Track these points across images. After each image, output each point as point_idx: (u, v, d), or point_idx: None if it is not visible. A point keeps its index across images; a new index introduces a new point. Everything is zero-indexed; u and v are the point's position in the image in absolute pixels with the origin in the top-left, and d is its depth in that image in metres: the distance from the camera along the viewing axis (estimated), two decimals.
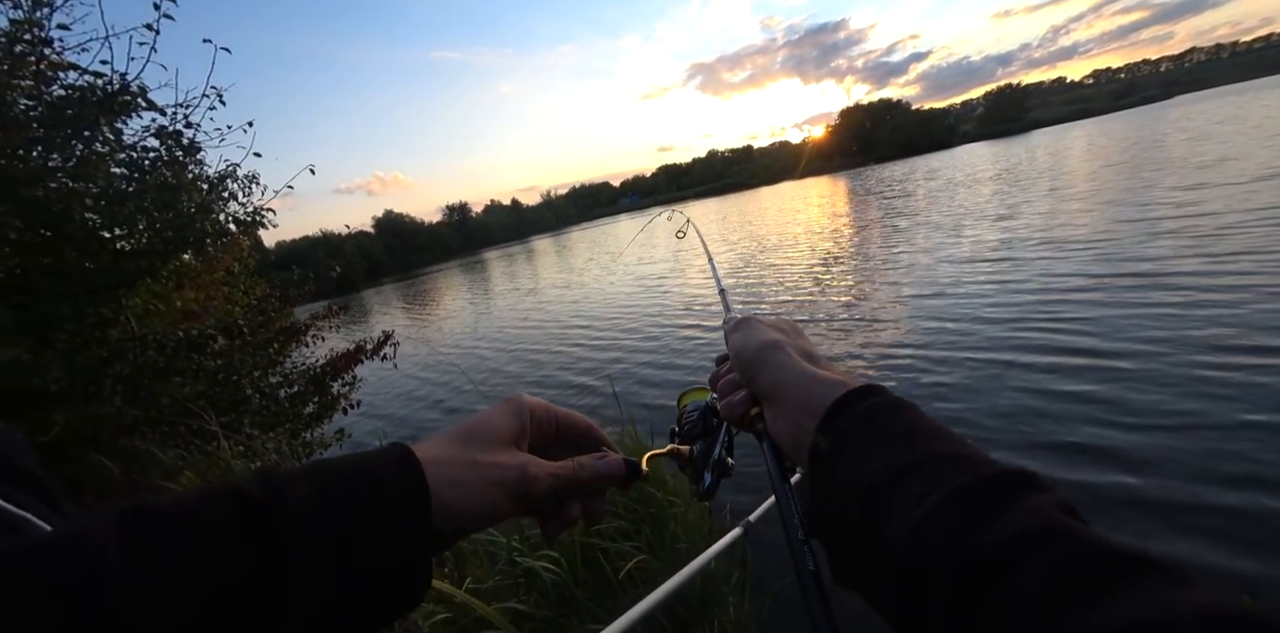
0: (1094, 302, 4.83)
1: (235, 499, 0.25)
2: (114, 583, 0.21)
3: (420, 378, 7.97)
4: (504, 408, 0.38)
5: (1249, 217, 6.28)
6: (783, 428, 0.39)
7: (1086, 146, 24.00)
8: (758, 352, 0.42)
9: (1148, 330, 4.05)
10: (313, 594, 0.25)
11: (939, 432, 0.32)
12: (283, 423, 3.46)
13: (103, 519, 0.23)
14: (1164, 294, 4.67)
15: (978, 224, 9.95)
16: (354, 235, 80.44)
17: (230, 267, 4.95)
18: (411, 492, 0.29)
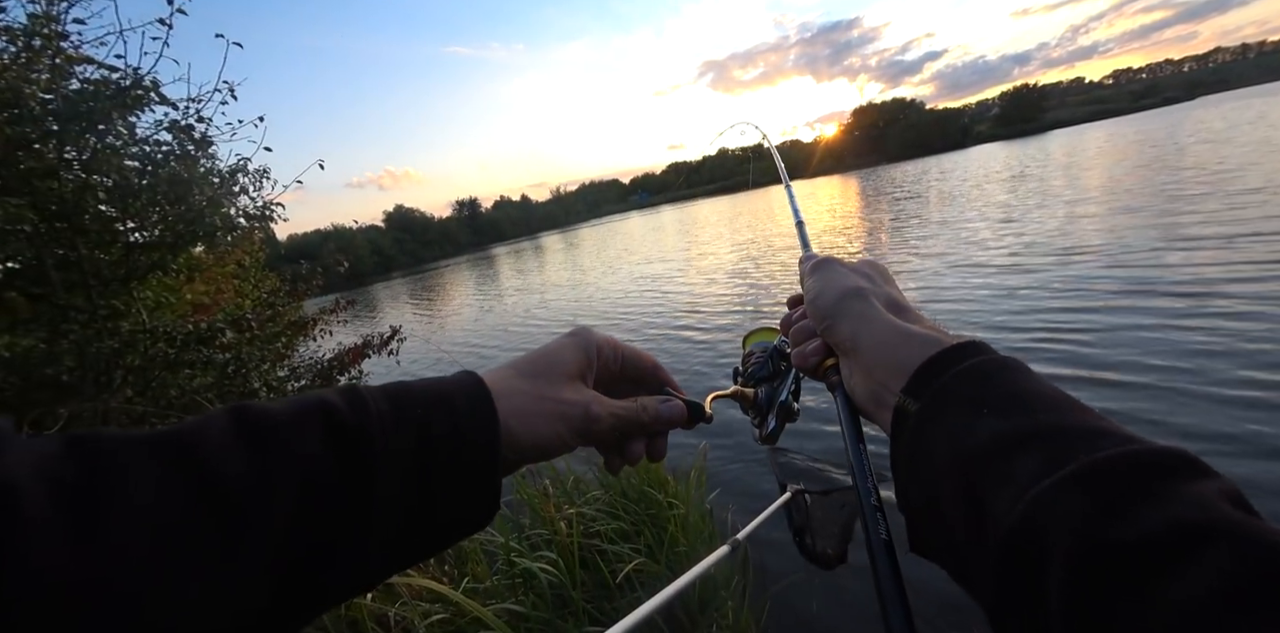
0: (1110, 312, 4.63)
1: (324, 410, 0.27)
2: (228, 471, 0.23)
3: (426, 373, 8.03)
4: (572, 342, 0.38)
5: (1276, 225, 6.02)
6: (861, 385, 0.36)
7: (1105, 149, 23.48)
8: (838, 300, 0.39)
9: (1168, 346, 3.82)
10: (392, 508, 0.26)
11: (1061, 399, 0.27)
12: None
13: (218, 416, 0.25)
14: (1185, 306, 4.44)
15: (990, 228, 9.73)
16: (364, 229, 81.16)
17: (241, 260, 5.00)
18: (482, 421, 0.30)
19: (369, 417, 0.27)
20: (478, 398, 0.31)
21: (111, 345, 2.79)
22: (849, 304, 0.38)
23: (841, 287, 0.40)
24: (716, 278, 10.65)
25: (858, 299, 0.38)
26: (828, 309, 0.39)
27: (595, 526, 1.78)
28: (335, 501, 0.25)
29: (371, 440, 0.26)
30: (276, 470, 0.24)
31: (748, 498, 2.33)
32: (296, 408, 0.27)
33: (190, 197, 3.41)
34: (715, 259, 13.62)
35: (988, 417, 0.27)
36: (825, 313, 0.39)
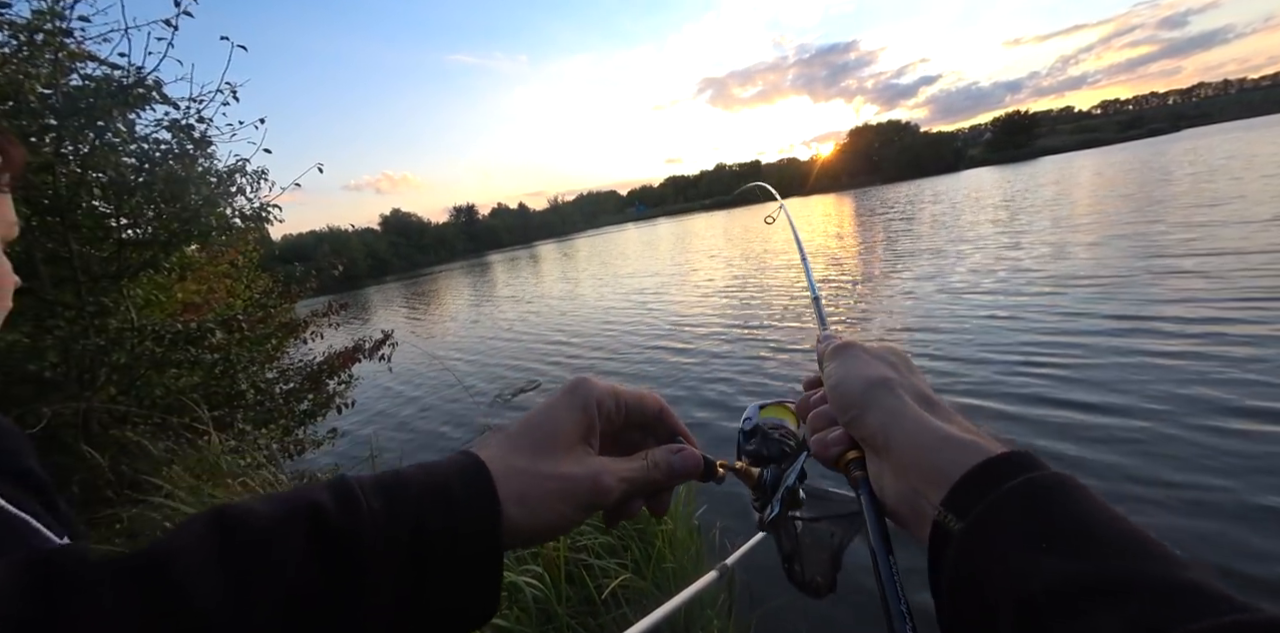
0: (1092, 346, 4.56)
1: (312, 512, 0.26)
2: (206, 600, 0.22)
3: (415, 381, 7.94)
4: (569, 400, 0.35)
5: (1264, 259, 6.04)
6: (892, 486, 0.33)
7: (1094, 176, 24.15)
8: (864, 389, 0.36)
9: (1151, 383, 3.72)
10: (384, 611, 0.25)
11: (1132, 535, 0.24)
12: (276, 420, 3.44)
13: (195, 529, 0.24)
14: (1171, 342, 4.35)
15: (978, 253, 9.85)
16: (360, 232, 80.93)
17: (234, 260, 4.97)
18: (482, 512, 0.29)
19: (360, 517, 0.26)
20: (476, 486, 0.29)
21: (98, 343, 2.75)
22: (877, 395, 0.35)
23: (867, 376, 0.37)
24: (704, 296, 10.63)
25: (886, 391, 0.36)
26: (853, 399, 0.36)
27: (582, 539, 1.76)
28: (322, 611, 0.24)
29: (362, 543, 0.25)
30: (258, 590, 0.23)
31: (736, 516, 2.31)
32: (283, 512, 0.25)
33: (186, 196, 3.39)
34: (705, 275, 13.69)
35: (1050, 554, 0.24)
36: (850, 402, 0.37)
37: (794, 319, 7.49)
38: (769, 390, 5.09)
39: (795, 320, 7.40)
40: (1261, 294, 5.04)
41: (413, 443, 5.36)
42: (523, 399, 6.07)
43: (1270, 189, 11.19)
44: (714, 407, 4.81)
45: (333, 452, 4.39)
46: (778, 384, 5.21)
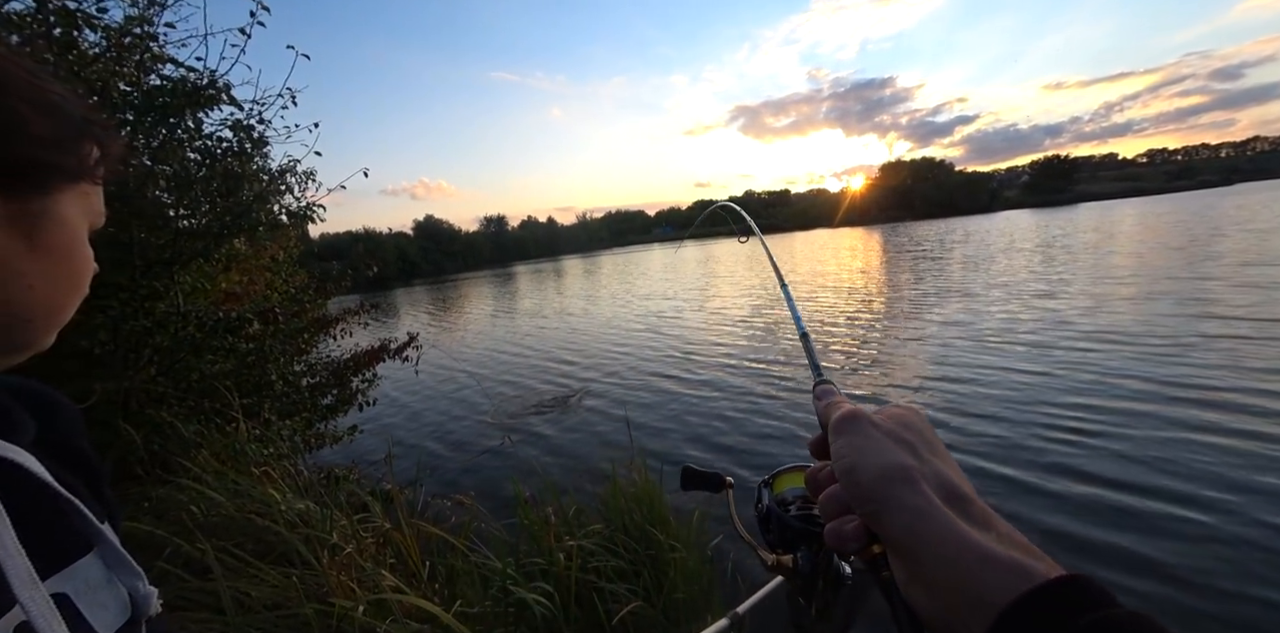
0: (1130, 413, 4.13)
1: None
2: None
3: (435, 383, 8.04)
4: None
5: None
6: (925, 603, 0.29)
7: (1137, 226, 23.44)
8: (881, 482, 0.31)
9: (1202, 464, 3.31)
10: None
11: None
12: (299, 412, 3.50)
13: None
14: (1228, 415, 3.90)
15: (1010, 300, 9.40)
16: (394, 235, 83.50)
17: (276, 254, 5.17)
18: None
19: None
20: None
21: (145, 324, 2.87)
22: (896, 492, 0.30)
23: (882, 464, 0.32)
24: (715, 325, 10.45)
25: (906, 486, 0.30)
26: (868, 493, 0.31)
27: (594, 561, 1.72)
28: None
29: None
30: None
31: (750, 551, 2.23)
32: None
33: (240, 191, 3.57)
34: (720, 302, 13.55)
35: None
36: (864, 496, 0.32)
37: (802, 357, 7.27)
38: (767, 434, 4.81)
39: (804, 358, 7.22)
40: None
41: (427, 446, 5.38)
42: (554, 412, 5.99)
43: None
44: (702, 444, 4.63)
45: (351, 448, 4.45)
46: (776, 425, 4.96)
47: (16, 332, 0.37)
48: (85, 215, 0.42)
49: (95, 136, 0.41)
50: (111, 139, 0.44)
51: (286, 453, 2.53)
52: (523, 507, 1.89)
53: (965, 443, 4.03)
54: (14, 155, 0.34)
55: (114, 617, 0.43)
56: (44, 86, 0.37)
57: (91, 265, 0.46)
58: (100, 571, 0.43)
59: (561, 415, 5.84)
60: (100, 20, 2.96)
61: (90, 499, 0.47)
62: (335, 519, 1.62)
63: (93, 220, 0.45)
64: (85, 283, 0.46)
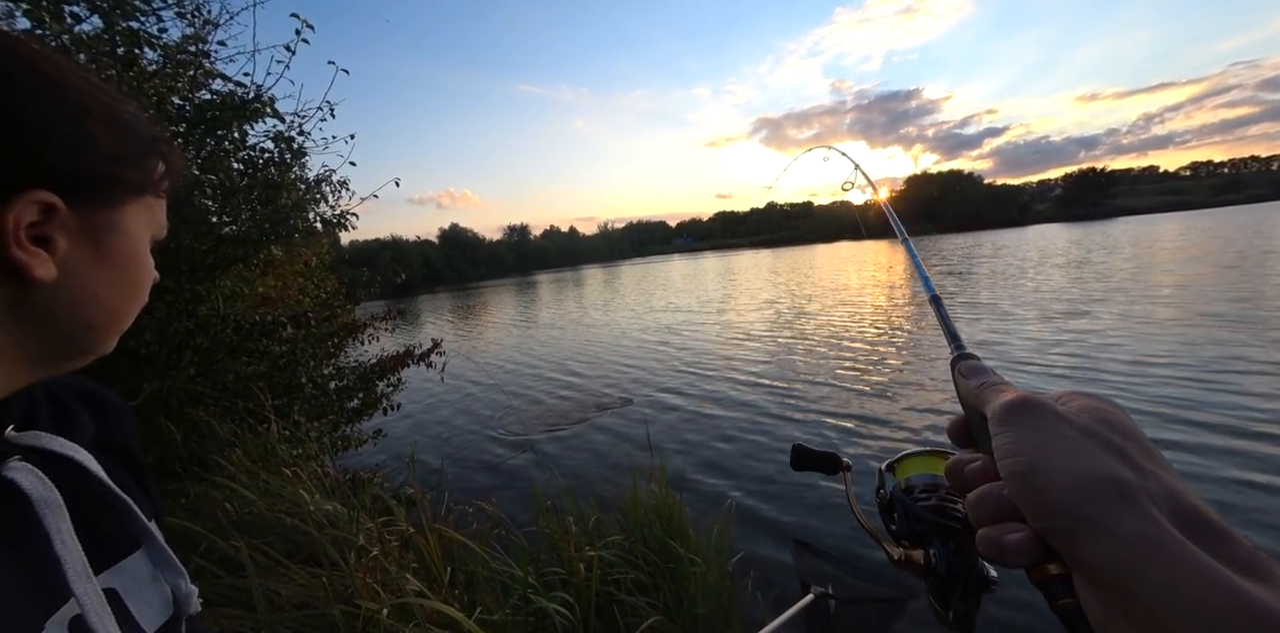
0: (1173, 449, 3.80)
1: None
2: None
3: (458, 389, 8.15)
4: None
5: None
6: None
7: (1180, 242, 22.37)
8: (1078, 495, 0.24)
9: (1268, 513, 3.03)
10: None
11: None
12: (327, 414, 3.58)
13: None
14: (1265, 449, 3.61)
15: (1040, 319, 9.02)
16: (419, 243, 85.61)
17: (309, 260, 5.35)
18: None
19: None
20: None
21: (188, 326, 2.99)
22: (1105, 511, 0.23)
23: (1082, 472, 0.25)
24: (727, 341, 10.13)
25: (1121, 504, 0.23)
26: (1058, 506, 0.25)
27: (614, 572, 1.70)
28: None
29: None
30: None
31: (772, 567, 2.18)
32: None
33: (279, 199, 3.72)
34: (734, 316, 13.31)
35: None
36: (1051, 509, 0.25)
37: (822, 380, 6.71)
38: (771, 457, 4.57)
39: (823, 381, 6.65)
40: None
41: (450, 451, 5.43)
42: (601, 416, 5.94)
43: None
44: (708, 468, 4.44)
45: (375, 451, 4.52)
46: (782, 450, 4.70)
47: (82, 337, 0.39)
48: (149, 227, 0.44)
49: (161, 153, 0.44)
50: (175, 156, 0.47)
51: (314, 454, 2.59)
52: (543, 515, 1.89)
53: None
54: (85, 169, 0.36)
55: (158, 614, 0.44)
56: (118, 106, 0.39)
57: (152, 275, 0.49)
58: (147, 568, 0.45)
59: (583, 424, 5.85)
60: (159, 39, 3.16)
61: (140, 497, 0.49)
62: (361, 522, 1.65)
63: (155, 232, 0.47)
64: (145, 292, 0.48)
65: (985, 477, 0.30)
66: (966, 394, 0.34)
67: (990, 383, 0.33)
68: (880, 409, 5.43)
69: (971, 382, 0.34)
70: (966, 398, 0.34)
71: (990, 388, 0.32)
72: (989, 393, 0.32)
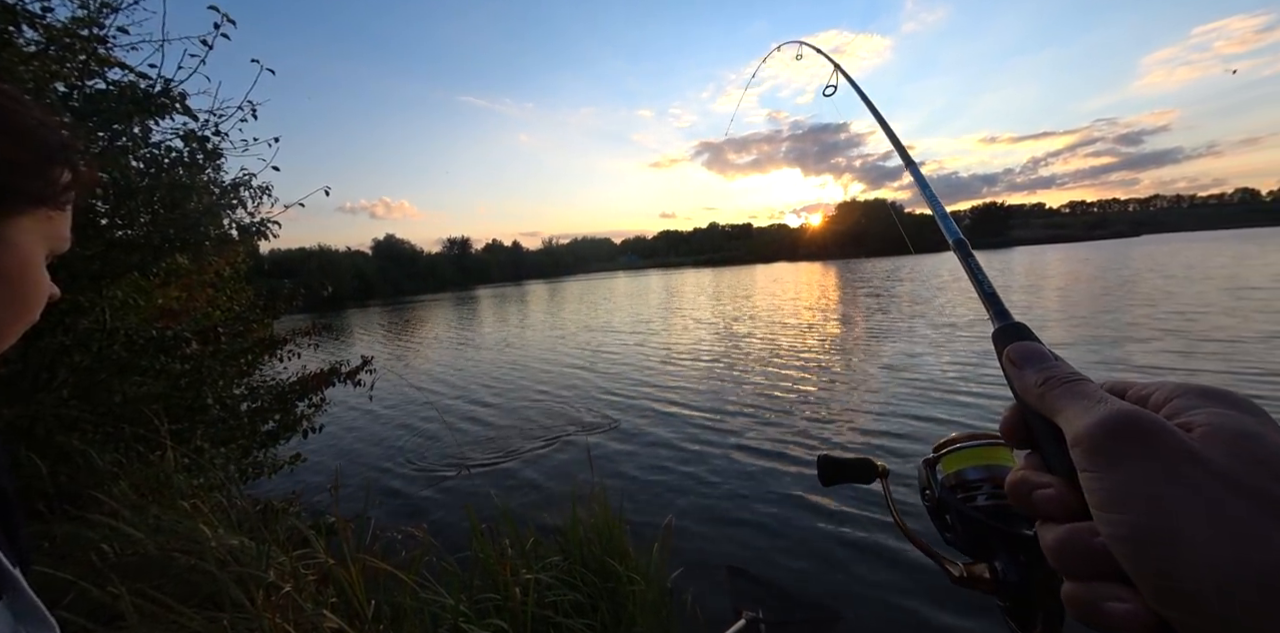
0: None
1: None
2: None
3: (388, 411, 7.66)
4: None
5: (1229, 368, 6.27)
6: None
7: (1063, 270, 25.83)
8: (1250, 604, 0.17)
9: None
10: None
11: None
12: (237, 439, 3.24)
13: None
14: None
15: (941, 337, 9.78)
16: (350, 254, 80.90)
17: (221, 270, 4.89)
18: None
19: None
20: None
21: (62, 342, 2.63)
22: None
23: (1250, 562, 0.17)
24: (653, 366, 9.71)
25: None
26: (1217, 610, 0.17)
27: (551, 595, 1.65)
28: None
29: None
30: None
31: (710, 584, 2.18)
32: None
33: (187, 203, 3.41)
34: (665, 338, 12.86)
35: None
36: (1204, 612, 0.17)
37: (747, 416, 6.21)
38: (713, 473, 4.73)
39: (748, 418, 6.12)
40: None
41: (377, 477, 5.07)
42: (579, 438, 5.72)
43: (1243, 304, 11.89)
44: (651, 488, 4.31)
45: (292, 478, 4.13)
46: (722, 464, 4.73)
47: None
48: (45, 240, 0.41)
49: (69, 162, 0.40)
50: (88, 166, 0.43)
51: (220, 484, 2.33)
52: (478, 539, 1.80)
53: None
54: None
55: None
56: (18, 110, 0.36)
57: (46, 291, 0.45)
58: (8, 622, 0.40)
59: (523, 446, 5.66)
60: (42, 18, 2.84)
61: (4, 542, 0.44)
62: (273, 556, 1.49)
63: (54, 245, 0.43)
64: (35, 310, 0.44)
65: (1064, 510, 0.22)
66: (1024, 390, 0.26)
67: (1061, 378, 0.24)
68: (833, 420, 5.68)
69: (1029, 374, 0.26)
70: (1025, 395, 0.26)
71: (1063, 387, 0.24)
72: (1063, 395, 0.24)
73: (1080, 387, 0.24)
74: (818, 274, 38.70)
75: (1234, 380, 5.82)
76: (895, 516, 0.39)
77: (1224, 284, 14.15)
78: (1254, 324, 8.53)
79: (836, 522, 3.50)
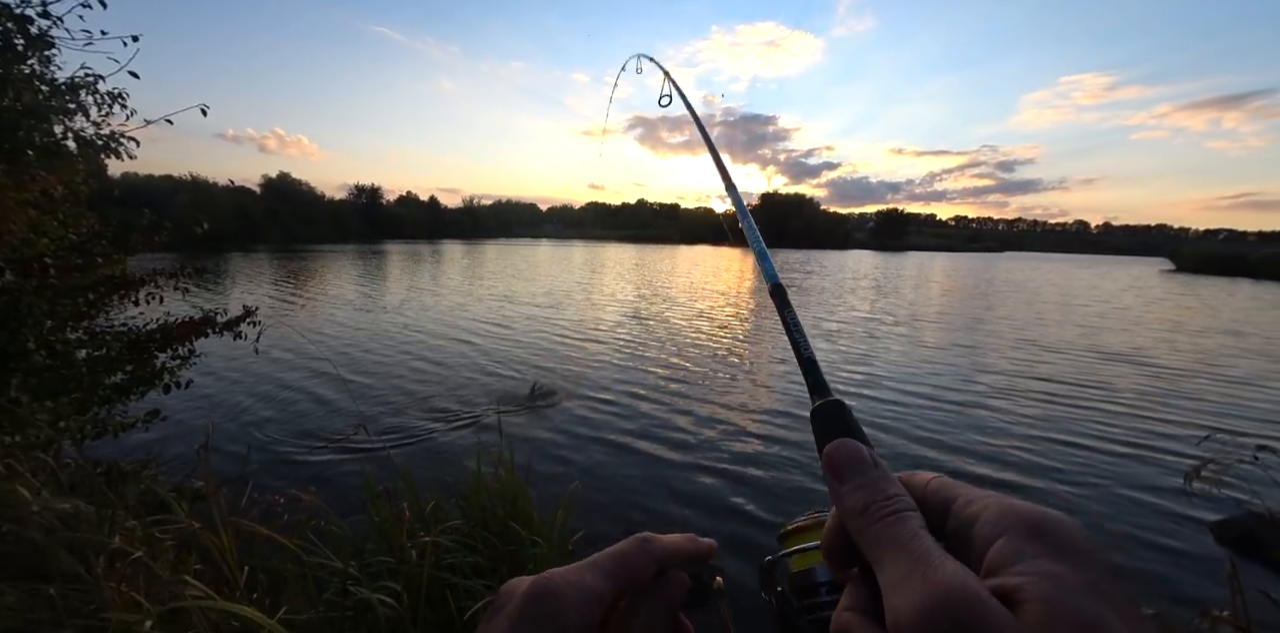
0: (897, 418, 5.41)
1: None
2: None
3: (274, 367, 6.90)
4: (594, 587, 0.25)
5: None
6: None
7: (944, 277, 29.56)
8: None
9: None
10: None
11: None
12: (70, 391, 2.75)
13: None
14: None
15: (839, 329, 10.77)
16: (233, 189, 70.12)
17: (51, 189, 4.03)
18: None
19: None
20: None
21: None
22: None
23: None
24: (592, 330, 10.00)
25: None
26: None
27: (450, 557, 1.62)
28: None
29: None
30: None
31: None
32: None
33: (2, 99, 2.75)
34: (579, 313, 12.66)
35: None
36: None
37: (658, 391, 6.29)
38: (622, 441, 5.13)
39: (659, 393, 6.20)
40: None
41: (260, 437, 4.59)
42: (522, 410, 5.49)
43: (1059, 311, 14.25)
44: (556, 452, 4.38)
45: (150, 440, 3.61)
46: (636, 441, 5.22)
47: None
48: None
49: None
50: None
51: (43, 442, 1.97)
52: (374, 502, 1.71)
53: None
54: None
55: None
56: None
57: None
58: None
59: (425, 410, 5.41)
60: None
61: None
62: (118, 520, 1.30)
63: None
64: None
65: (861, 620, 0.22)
66: (844, 512, 0.24)
67: (881, 509, 0.22)
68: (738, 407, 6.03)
69: (849, 494, 0.24)
70: (845, 516, 0.24)
71: (883, 525, 0.22)
72: (883, 540, 0.22)
73: (901, 529, 0.21)
74: (737, 259, 40.39)
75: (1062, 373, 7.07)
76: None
77: (1066, 299, 16.97)
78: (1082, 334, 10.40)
79: (733, 489, 3.80)
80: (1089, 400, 6.16)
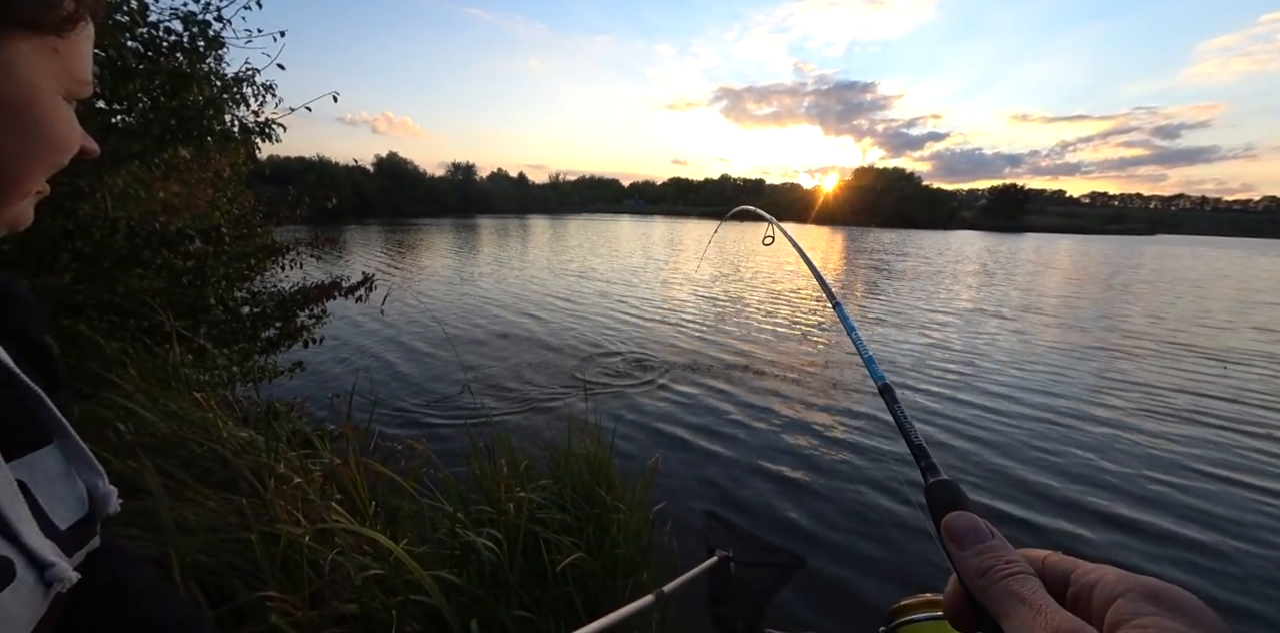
0: (1017, 426, 4.67)
1: None
2: None
3: (392, 326, 7.75)
4: None
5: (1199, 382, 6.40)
6: None
7: (1071, 264, 25.54)
8: None
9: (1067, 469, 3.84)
10: None
11: None
12: (238, 341, 3.29)
13: None
14: (1099, 440, 4.51)
15: (938, 327, 9.40)
16: (351, 169, 77.90)
17: (222, 170, 4.72)
18: None
19: None
20: None
21: (64, 226, 2.58)
22: None
23: None
24: (685, 309, 10.01)
25: None
26: None
27: (541, 513, 1.77)
28: None
29: None
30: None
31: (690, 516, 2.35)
32: None
33: (189, 94, 3.23)
34: (692, 284, 13.35)
35: None
36: None
37: (741, 368, 6.31)
38: (703, 422, 5.10)
39: (743, 371, 6.24)
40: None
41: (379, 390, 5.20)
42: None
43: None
44: (642, 427, 4.47)
45: (293, 386, 4.25)
46: (716, 423, 5.16)
47: None
48: (53, 76, 0.37)
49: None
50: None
51: (224, 381, 2.39)
52: (476, 456, 1.89)
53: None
54: None
55: (71, 511, 0.42)
56: None
57: (71, 132, 0.41)
58: (60, 463, 0.42)
59: (528, 374, 5.81)
60: None
61: (52, 390, 0.45)
62: (281, 451, 1.57)
63: (69, 86, 0.39)
64: (60, 150, 0.41)
65: None
66: (965, 575, 0.25)
67: (1001, 571, 0.24)
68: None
69: (969, 559, 0.25)
70: (966, 579, 0.25)
71: (1004, 584, 0.23)
72: (1005, 597, 0.23)
73: (1021, 586, 0.23)
74: (823, 239, 38.15)
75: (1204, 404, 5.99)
76: None
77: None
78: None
79: (815, 475, 3.70)
80: (1271, 426, 4.90)
